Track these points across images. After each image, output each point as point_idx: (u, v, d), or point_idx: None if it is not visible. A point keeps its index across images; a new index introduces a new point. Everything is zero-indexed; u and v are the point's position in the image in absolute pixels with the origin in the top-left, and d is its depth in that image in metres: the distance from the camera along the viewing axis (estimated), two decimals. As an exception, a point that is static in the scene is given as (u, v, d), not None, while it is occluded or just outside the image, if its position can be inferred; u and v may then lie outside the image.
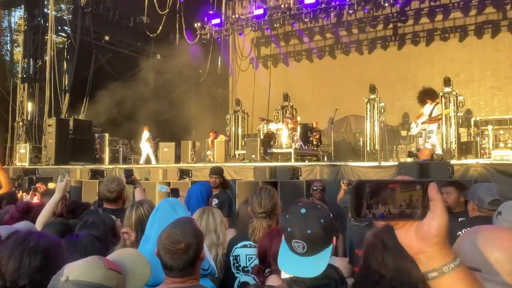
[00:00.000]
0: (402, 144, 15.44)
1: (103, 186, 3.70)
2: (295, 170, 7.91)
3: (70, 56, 16.16)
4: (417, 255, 0.86)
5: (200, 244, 1.99)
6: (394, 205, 0.82)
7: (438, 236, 0.83)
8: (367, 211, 0.82)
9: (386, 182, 0.83)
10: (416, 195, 0.83)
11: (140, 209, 2.83)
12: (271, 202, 2.76)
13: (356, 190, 0.83)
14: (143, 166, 11.49)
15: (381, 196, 0.82)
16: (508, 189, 6.76)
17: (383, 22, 16.95)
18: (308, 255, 1.61)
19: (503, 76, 14.72)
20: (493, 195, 2.65)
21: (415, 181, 0.83)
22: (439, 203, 0.83)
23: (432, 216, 0.83)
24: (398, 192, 0.82)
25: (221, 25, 17.69)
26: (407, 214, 0.83)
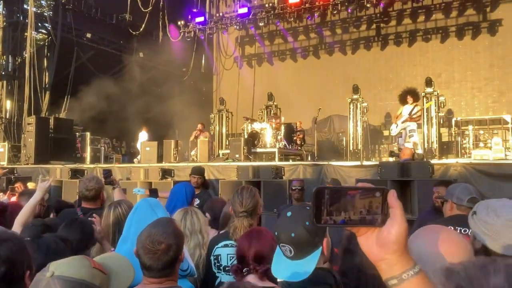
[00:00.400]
0: (384, 144, 15.61)
1: (82, 184, 3.70)
2: (278, 170, 7.90)
3: (50, 54, 15.90)
4: (378, 262, 0.86)
5: (180, 245, 1.98)
6: (354, 212, 0.82)
7: (397, 243, 0.83)
8: (328, 217, 0.82)
9: (345, 189, 0.83)
10: (376, 202, 0.83)
11: (118, 209, 2.80)
12: (253, 202, 2.76)
13: (316, 196, 0.82)
14: (124, 165, 11.36)
15: (341, 203, 0.82)
16: (486, 188, 6.91)
17: (366, 23, 17.09)
18: (297, 258, 1.60)
19: (483, 77, 14.98)
20: (471, 193, 2.70)
21: (375, 188, 0.83)
22: (398, 210, 0.83)
23: (391, 223, 0.83)
24: (358, 199, 0.82)
25: (205, 23, 17.61)
26: (368, 220, 0.83)
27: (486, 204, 1.60)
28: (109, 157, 15.02)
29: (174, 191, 4.76)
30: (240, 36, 19.63)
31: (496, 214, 1.53)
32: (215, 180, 8.86)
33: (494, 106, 14.57)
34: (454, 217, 2.69)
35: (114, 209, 2.78)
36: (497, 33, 14.82)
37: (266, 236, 2.13)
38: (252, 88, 18.81)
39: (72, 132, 14.40)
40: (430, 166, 6.34)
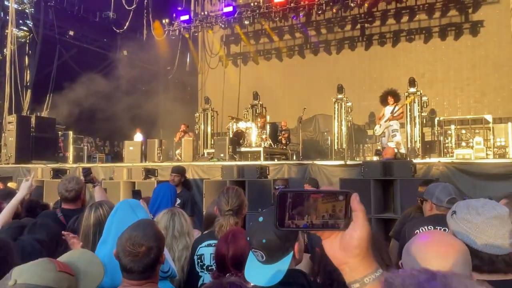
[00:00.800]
0: (368, 143, 15.74)
1: (61, 185, 3.58)
2: (263, 169, 7.90)
3: (32, 51, 15.61)
4: (341, 266, 0.86)
5: (161, 247, 1.97)
6: (317, 216, 0.81)
7: (359, 247, 0.83)
8: (290, 221, 0.81)
9: (309, 192, 0.82)
10: (339, 206, 0.82)
11: (99, 210, 2.75)
12: (238, 201, 2.80)
13: (280, 200, 0.81)
14: (107, 165, 11.23)
15: (304, 207, 0.81)
16: (468, 187, 7.01)
17: (351, 23, 17.20)
18: (268, 263, 1.61)
19: (466, 77, 15.21)
20: (450, 194, 2.73)
21: (338, 192, 0.83)
22: (361, 213, 0.82)
23: (354, 227, 0.83)
24: (321, 203, 0.81)
25: (190, 22, 17.52)
26: (330, 224, 0.82)
27: (466, 204, 1.62)
28: (92, 156, 14.83)
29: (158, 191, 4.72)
30: (225, 35, 19.58)
31: (478, 212, 1.56)
32: (199, 179, 8.81)
33: (476, 106, 14.80)
34: (433, 216, 2.72)
35: (95, 210, 2.74)
36: (479, 34, 15.06)
37: (241, 237, 2.13)
38: (237, 87, 18.79)
39: (54, 131, 14.17)
40: (413, 165, 6.40)
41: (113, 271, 2.04)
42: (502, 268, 1.51)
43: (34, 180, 8.85)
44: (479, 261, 1.50)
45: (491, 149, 12.47)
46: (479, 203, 1.60)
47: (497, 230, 1.51)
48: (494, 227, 1.52)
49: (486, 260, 1.51)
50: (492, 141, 12.91)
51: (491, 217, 1.53)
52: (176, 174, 5.66)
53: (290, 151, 13.93)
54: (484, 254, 1.51)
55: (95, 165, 11.20)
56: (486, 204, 1.58)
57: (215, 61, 19.74)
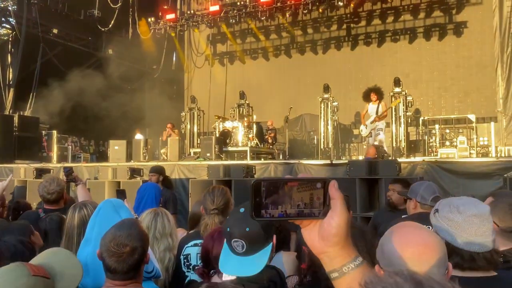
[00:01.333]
0: (354, 143, 15.84)
1: (42, 187, 3.52)
2: (249, 169, 7.90)
3: (15, 49, 15.34)
4: (320, 255, 0.85)
5: (145, 247, 1.95)
6: (293, 204, 0.80)
7: (337, 235, 0.81)
8: (265, 211, 0.80)
9: (284, 181, 0.80)
10: (317, 194, 0.80)
11: (83, 210, 2.71)
12: (224, 199, 2.79)
13: (254, 189, 0.80)
14: (92, 164, 11.11)
15: (280, 195, 0.79)
16: (451, 185, 7.11)
17: (337, 23, 17.29)
18: (248, 254, 1.61)
19: (450, 77, 15.40)
20: (434, 192, 2.76)
21: (316, 179, 0.81)
22: (339, 201, 0.81)
23: (331, 215, 0.81)
24: (297, 191, 0.79)
25: (176, 20, 17.41)
26: (308, 213, 0.81)
27: (448, 202, 1.64)
28: (76, 156, 14.66)
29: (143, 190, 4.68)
30: (211, 34, 19.52)
31: (459, 211, 1.57)
32: (185, 179, 8.78)
33: (460, 106, 15.00)
34: (417, 215, 2.75)
35: (79, 211, 2.70)
36: (463, 35, 15.26)
37: None
38: (224, 86, 18.75)
39: (38, 130, 13.98)
40: (397, 164, 6.47)
41: (95, 271, 2.01)
42: (483, 265, 1.53)
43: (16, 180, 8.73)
44: (460, 258, 1.52)
45: (474, 148, 12.65)
46: (460, 201, 1.61)
47: (478, 228, 1.53)
48: (475, 225, 1.53)
49: (467, 258, 1.52)
50: (475, 141, 13.10)
51: (471, 215, 1.55)
52: (153, 173, 5.68)
53: (276, 151, 13.96)
54: (465, 252, 1.52)
55: (79, 165, 11.08)
56: (467, 203, 1.60)
57: (202, 60, 19.67)
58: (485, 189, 6.84)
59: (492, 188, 6.81)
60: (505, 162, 7.23)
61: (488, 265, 1.53)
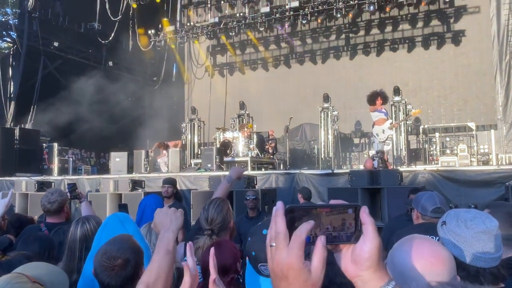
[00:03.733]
0: (355, 152, 15.85)
1: (44, 197, 3.54)
2: (250, 179, 7.89)
3: (16, 63, 15.45)
4: (353, 279, 0.86)
5: (139, 260, 1.92)
6: (326, 229, 0.81)
7: (369, 260, 0.83)
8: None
9: (317, 207, 0.82)
10: (349, 219, 0.82)
11: (86, 225, 2.70)
12: (220, 217, 2.56)
13: (289, 215, 0.81)
14: (93, 177, 11.11)
15: (313, 221, 0.81)
16: (453, 194, 7.10)
17: (336, 33, 17.40)
18: None
19: (449, 85, 15.45)
20: (436, 203, 2.75)
21: (347, 205, 0.83)
22: (371, 226, 0.82)
23: (364, 240, 0.83)
24: (330, 216, 0.82)
25: (176, 32, 17.53)
26: (340, 238, 0.83)
27: (456, 215, 1.62)
28: (77, 168, 14.65)
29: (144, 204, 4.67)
30: (211, 45, 19.63)
31: (466, 226, 1.56)
32: (186, 190, 8.76)
33: (459, 114, 15.03)
34: (421, 225, 2.74)
35: (82, 225, 2.68)
36: (461, 43, 15.34)
37: (228, 248, 2.10)
38: (224, 97, 18.81)
39: (39, 143, 13.98)
40: (399, 174, 6.46)
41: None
42: (490, 280, 1.52)
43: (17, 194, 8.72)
44: (466, 273, 1.51)
45: (475, 156, 12.66)
46: (468, 216, 1.59)
47: (485, 244, 1.51)
48: (482, 241, 1.52)
49: (473, 273, 1.51)
50: (476, 148, 13.12)
51: (479, 231, 1.53)
52: (169, 185, 5.61)
53: (277, 160, 13.95)
54: (471, 267, 1.51)
55: (80, 177, 11.08)
56: (476, 217, 1.57)
57: (201, 71, 19.76)
58: (487, 198, 6.85)
59: (494, 196, 6.81)
60: (506, 170, 7.23)
61: (494, 280, 1.52)
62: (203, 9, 19.30)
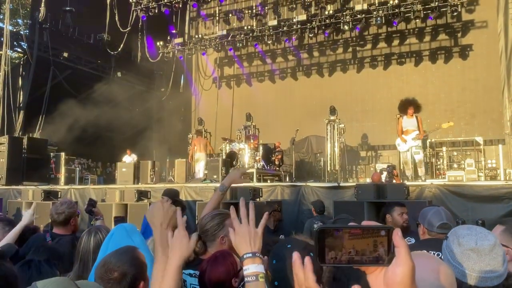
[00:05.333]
0: (361, 165, 15.79)
1: (53, 207, 3.58)
2: (256, 191, 7.88)
3: (25, 72, 15.63)
4: None
5: (138, 274, 1.88)
6: (358, 251, 0.82)
7: (402, 283, 0.82)
8: (332, 257, 0.82)
9: (349, 228, 0.82)
10: (381, 241, 0.82)
11: (99, 234, 2.70)
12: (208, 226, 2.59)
13: (319, 236, 0.82)
14: (99, 187, 11.15)
15: (345, 242, 0.82)
16: (460, 209, 7.03)
17: (343, 46, 17.46)
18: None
19: (456, 99, 15.39)
20: (442, 219, 2.72)
21: (380, 227, 0.83)
22: (403, 249, 0.82)
23: (396, 263, 0.82)
24: (362, 238, 0.82)
25: (184, 44, 17.70)
26: (373, 260, 0.83)
27: (455, 231, 1.63)
28: (84, 178, 14.71)
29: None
30: (219, 58, 19.78)
31: (458, 243, 1.56)
32: (192, 201, 8.76)
33: (467, 128, 14.94)
34: (426, 241, 2.72)
35: (95, 235, 2.69)
36: (468, 58, 15.33)
37: (225, 262, 2.08)
38: (230, 108, 18.89)
39: (46, 152, 14.08)
40: (406, 188, 6.42)
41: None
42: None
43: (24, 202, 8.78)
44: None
45: (483, 171, 12.57)
46: (464, 232, 1.59)
47: (475, 263, 1.50)
48: (471, 259, 1.51)
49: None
50: (483, 163, 13.03)
51: (469, 249, 1.53)
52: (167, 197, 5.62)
53: (283, 173, 13.92)
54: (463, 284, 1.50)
55: (87, 187, 11.12)
56: (470, 235, 1.57)
57: (209, 82, 19.88)
58: (494, 213, 6.77)
59: (502, 212, 6.74)
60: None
61: None
62: (211, 22, 19.50)
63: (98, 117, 14.93)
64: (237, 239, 1.48)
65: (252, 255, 1.44)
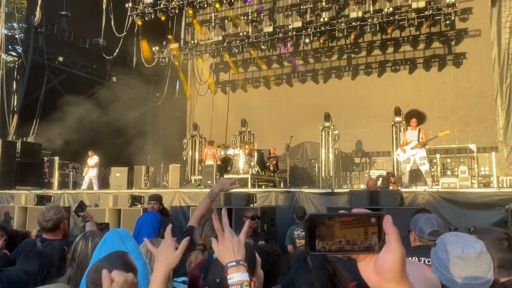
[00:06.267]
0: (356, 171, 15.84)
1: (41, 214, 3.51)
2: (250, 197, 7.88)
3: (20, 76, 15.58)
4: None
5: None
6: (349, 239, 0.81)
7: (392, 270, 0.80)
8: (322, 245, 0.81)
9: (339, 216, 0.81)
10: (371, 228, 0.81)
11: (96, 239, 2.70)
12: (214, 234, 2.67)
13: (309, 224, 0.81)
14: (93, 191, 11.10)
15: (335, 230, 0.81)
16: (453, 216, 7.08)
17: (338, 53, 17.57)
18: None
19: (449, 107, 15.50)
20: (433, 226, 2.74)
21: (370, 214, 0.82)
22: (394, 236, 0.80)
23: (387, 250, 0.80)
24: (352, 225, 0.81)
25: (179, 49, 17.72)
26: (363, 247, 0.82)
27: (443, 238, 1.65)
28: (77, 182, 14.64)
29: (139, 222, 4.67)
30: (214, 63, 19.82)
31: (446, 250, 1.58)
32: (186, 207, 8.75)
33: (460, 136, 15.03)
34: (418, 247, 2.74)
35: (92, 240, 2.67)
36: (462, 66, 15.46)
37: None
38: (225, 114, 18.90)
39: (40, 157, 14.01)
40: (399, 194, 6.46)
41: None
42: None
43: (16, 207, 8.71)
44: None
45: (476, 178, 12.64)
46: (452, 239, 1.61)
47: (462, 270, 1.52)
48: (458, 267, 1.53)
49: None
50: (477, 170, 13.10)
51: (455, 256, 1.55)
52: (155, 201, 5.65)
53: (277, 178, 13.94)
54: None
55: (80, 192, 11.07)
56: (457, 242, 1.59)
57: (204, 88, 19.90)
58: (486, 220, 6.82)
59: (494, 219, 6.78)
60: (506, 193, 7.21)
61: None
62: (207, 27, 19.57)
63: (92, 122, 14.90)
64: (221, 248, 1.48)
65: (236, 264, 1.44)
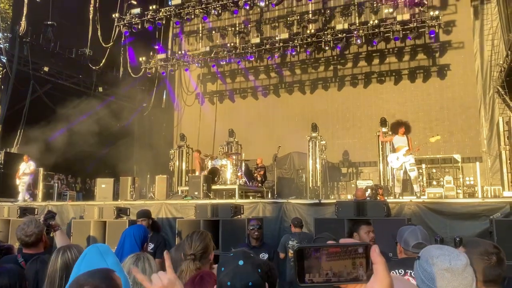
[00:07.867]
0: (343, 181, 15.90)
1: (19, 230, 3.36)
2: (237, 208, 7.83)
3: (4, 86, 15.37)
4: None
5: None
6: (337, 269, 0.82)
7: None
8: (311, 276, 0.82)
9: (327, 247, 0.83)
10: (359, 258, 0.83)
11: (67, 253, 2.64)
12: (202, 245, 2.72)
13: (298, 256, 0.83)
14: (78, 203, 10.93)
15: (323, 261, 0.82)
16: (439, 226, 7.12)
17: (324, 64, 17.73)
18: None
19: (434, 117, 15.71)
20: (417, 238, 2.75)
21: (357, 244, 0.83)
22: (381, 266, 0.83)
23: (374, 280, 0.82)
24: (340, 256, 0.82)
25: (167, 60, 17.71)
26: (351, 278, 0.83)
27: (427, 251, 1.65)
28: (63, 194, 14.42)
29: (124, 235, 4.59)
30: (202, 74, 19.84)
31: (432, 262, 1.59)
32: (172, 218, 8.66)
33: (445, 146, 15.21)
34: (403, 260, 2.74)
35: (63, 254, 2.62)
36: (446, 77, 15.72)
37: (209, 281, 2.09)
38: (213, 124, 18.88)
39: (24, 168, 13.77)
40: (385, 205, 6.47)
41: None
42: None
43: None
44: None
45: (461, 188, 12.78)
46: (437, 252, 1.62)
47: (449, 282, 1.54)
48: (445, 279, 1.54)
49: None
50: (462, 180, 13.26)
51: (443, 269, 1.56)
52: (143, 219, 5.55)
53: (265, 189, 13.90)
54: None
55: (65, 203, 10.90)
56: (443, 254, 1.60)
57: (191, 98, 19.88)
58: (472, 230, 6.88)
59: (479, 230, 6.84)
60: (491, 204, 7.28)
61: None
62: (194, 38, 19.61)
63: (78, 132, 14.74)
64: None
65: None
